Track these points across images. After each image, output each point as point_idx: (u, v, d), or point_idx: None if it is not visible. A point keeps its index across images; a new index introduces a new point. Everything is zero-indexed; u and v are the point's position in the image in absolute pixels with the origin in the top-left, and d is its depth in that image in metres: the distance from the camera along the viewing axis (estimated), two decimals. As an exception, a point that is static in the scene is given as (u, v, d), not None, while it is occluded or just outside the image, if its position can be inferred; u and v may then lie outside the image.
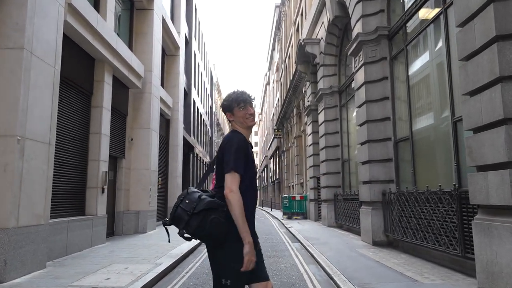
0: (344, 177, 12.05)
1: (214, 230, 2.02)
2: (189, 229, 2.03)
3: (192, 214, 2.02)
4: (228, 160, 2.13)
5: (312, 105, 14.75)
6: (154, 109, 11.82)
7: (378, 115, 8.13)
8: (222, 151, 2.20)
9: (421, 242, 6.08)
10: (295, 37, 22.17)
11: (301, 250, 8.02)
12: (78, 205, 7.85)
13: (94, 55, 8.42)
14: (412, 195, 6.43)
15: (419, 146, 6.93)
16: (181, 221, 2.04)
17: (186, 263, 6.70)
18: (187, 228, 2.03)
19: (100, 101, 8.52)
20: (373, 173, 8.01)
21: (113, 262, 6.18)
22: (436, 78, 6.36)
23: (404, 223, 6.74)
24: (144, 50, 11.61)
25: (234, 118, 2.32)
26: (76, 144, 7.79)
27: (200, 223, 2.01)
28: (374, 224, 7.88)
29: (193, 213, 2.02)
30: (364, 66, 8.34)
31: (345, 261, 6.15)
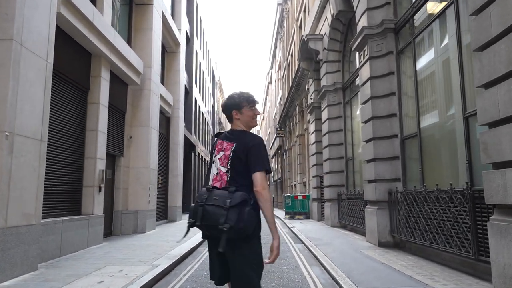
0: (348, 176, 11.76)
1: (249, 222, 2.11)
2: (229, 222, 2.05)
3: (230, 207, 2.08)
4: (258, 160, 2.27)
5: (315, 103, 14.47)
6: (154, 106, 11.58)
7: (384, 111, 7.84)
8: (247, 151, 2.26)
9: (430, 243, 5.79)
10: (297, 34, 21.88)
11: (304, 251, 7.76)
12: (74, 204, 7.61)
13: (90, 50, 8.18)
14: (420, 195, 6.14)
15: (427, 143, 6.64)
16: (219, 216, 2.08)
17: (184, 264, 6.45)
18: (228, 222, 2.05)
19: (97, 97, 8.27)
20: (378, 172, 7.73)
21: (108, 263, 5.93)
22: (446, 72, 6.07)
23: (412, 223, 6.46)
24: (143, 46, 11.36)
25: (241, 117, 2.40)
26: (72, 141, 7.55)
27: (239, 216, 2.07)
28: (380, 224, 7.59)
29: (230, 206, 2.08)
30: (370, 61, 8.05)
31: (350, 263, 5.88)
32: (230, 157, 2.30)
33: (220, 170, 2.31)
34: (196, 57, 25.59)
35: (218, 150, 2.39)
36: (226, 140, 2.37)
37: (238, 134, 2.38)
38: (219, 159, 2.35)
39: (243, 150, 2.29)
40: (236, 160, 2.28)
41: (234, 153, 2.29)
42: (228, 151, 2.32)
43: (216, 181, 2.32)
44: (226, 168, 2.30)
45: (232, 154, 2.29)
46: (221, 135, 2.46)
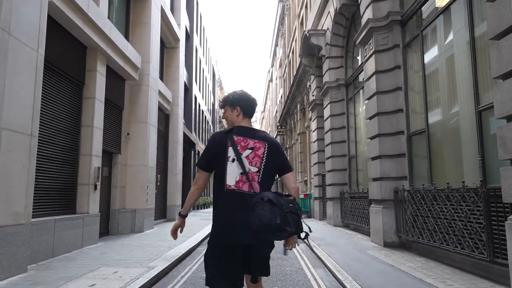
0: (351, 174, 11.48)
1: None
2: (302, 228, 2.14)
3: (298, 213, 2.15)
4: (287, 160, 2.49)
5: (317, 100, 14.18)
6: (152, 102, 11.29)
7: (389, 107, 7.56)
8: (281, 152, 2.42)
9: (440, 244, 5.52)
10: (299, 30, 21.57)
11: (306, 252, 7.48)
12: (68, 203, 7.33)
13: (85, 43, 7.89)
14: (429, 193, 5.87)
15: (436, 139, 6.36)
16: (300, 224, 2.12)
17: (182, 266, 6.17)
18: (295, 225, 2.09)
19: (93, 92, 7.98)
20: (384, 169, 7.45)
21: (103, 265, 5.66)
22: (456, 65, 5.78)
23: (420, 223, 6.18)
24: (141, 40, 11.07)
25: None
26: (66, 137, 7.27)
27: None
28: (385, 224, 7.32)
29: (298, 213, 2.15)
30: (375, 55, 7.77)
31: (356, 265, 5.61)
32: (265, 156, 2.29)
33: (249, 170, 2.24)
34: (196, 54, 25.30)
35: (243, 148, 2.28)
36: (252, 138, 2.32)
37: (261, 133, 2.40)
38: (246, 157, 2.26)
39: (277, 151, 2.36)
40: (269, 160, 2.30)
41: (269, 153, 2.31)
42: (261, 150, 2.29)
43: (242, 182, 2.23)
44: (257, 168, 2.27)
45: (267, 153, 2.30)
46: (233, 131, 2.35)
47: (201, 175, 2.40)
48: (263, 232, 2.02)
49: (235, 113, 2.45)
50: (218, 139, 2.34)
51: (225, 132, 2.36)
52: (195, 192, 2.44)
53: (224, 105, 2.52)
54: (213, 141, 2.37)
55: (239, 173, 2.23)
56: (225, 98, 2.54)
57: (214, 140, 2.37)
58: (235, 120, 2.45)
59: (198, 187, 2.41)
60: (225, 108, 2.51)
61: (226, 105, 2.50)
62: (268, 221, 1.98)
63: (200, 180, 2.41)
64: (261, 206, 2.04)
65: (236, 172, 2.23)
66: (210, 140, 2.41)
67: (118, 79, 10.01)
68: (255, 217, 2.03)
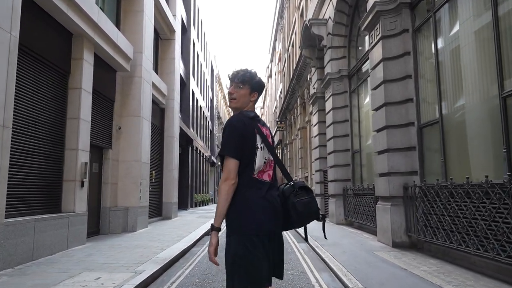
0: (355, 170, 10.95)
1: None
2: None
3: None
4: None
5: (318, 93, 13.63)
6: (146, 94, 10.73)
7: (398, 96, 7.02)
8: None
9: (458, 245, 4.99)
10: (299, 22, 20.98)
11: (309, 252, 6.97)
12: (52, 201, 6.80)
13: (71, 29, 7.32)
14: (445, 189, 5.33)
15: (451, 130, 5.82)
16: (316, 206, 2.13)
17: (174, 269, 5.65)
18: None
19: (79, 81, 7.43)
20: (392, 164, 6.92)
21: (86, 269, 5.13)
22: (476, 48, 5.24)
23: (434, 222, 5.66)
24: (133, 29, 10.48)
25: None
26: (49, 130, 6.73)
27: None
28: (394, 222, 6.80)
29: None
30: (382, 41, 7.22)
31: (364, 268, 5.08)
32: (273, 143, 2.24)
33: (268, 159, 2.15)
34: (194, 48, 24.71)
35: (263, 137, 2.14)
36: (264, 126, 2.20)
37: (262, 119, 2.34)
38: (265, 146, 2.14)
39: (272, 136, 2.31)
40: (275, 149, 2.24)
41: (273, 141, 2.27)
42: (270, 138, 2.21)
43: (263, 172, 2.12)
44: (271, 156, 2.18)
45: (272, 142, 2.24)
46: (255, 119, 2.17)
47: (234, 166, 2.01)
48: (308, 219, 2.07)
49: (251, 98, 2.21)
50: (248, 123, 2.09)
51: (250, 118, 2.12)
52: (232, 189, 2.00)
53: (243, 82, 2.18)
54: (244, 125, 2.07)
55: (263, 162, 2.11)
56: (248, 75, 2.19)
57: (246, 124, 2.07)
58: (247, 104, 2.20)
59: (234, 182, 2.00)
60: (242, 85, 2.18)
61: (246, 84, 2.18)
62: (316, 208, 2.08)
63: (234, 172, 2.00)
64: (300, 194, 2.05)
65: (262, 161, 2.10)
66: (241, 124, 2.06)
67: (109, 70, 9.44)
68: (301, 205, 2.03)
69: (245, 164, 2.04)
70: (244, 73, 2.20)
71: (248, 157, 2.05)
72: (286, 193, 2.07)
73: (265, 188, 2.07)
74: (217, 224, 2.00)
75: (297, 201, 2.03)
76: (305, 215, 2.04)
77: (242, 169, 2.04)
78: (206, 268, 5.64)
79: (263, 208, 2.01)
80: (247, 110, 2.19)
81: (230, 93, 2.22)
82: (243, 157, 2.03)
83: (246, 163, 2.04)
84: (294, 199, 2.03)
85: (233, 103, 2.20)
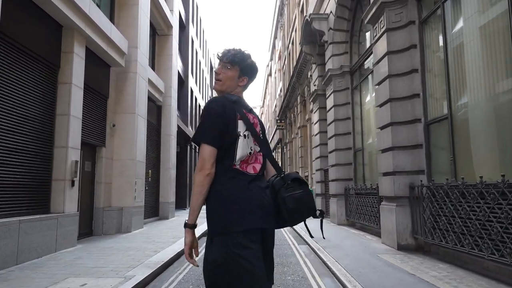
0: (357, 169, 10.62)
1: None
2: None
3: None
4: None
5: (319, 90, 13.29)
6: (141, 91, 10.39)
7: (403, 92, 6.69)
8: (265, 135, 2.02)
9: (470, 249, 4.66)
10: (299, 19, 20.63)
11: (310, 255, 6.64)
12: (40, 201, 6.47)
13: (61, 21, 6.99)
14: (456, 189, 5.00)
15: (461, 127, 5.49)
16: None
17: (167, 274, 5.32)
18: None
19: (69, 76, 7.09)
20: (397, 162, 6.59)
21: (72, 274, 4.81)
22: (490, 39, 4.91)
23: (443, 224, 5.33)
24: (128, 23, 10.15)
25: None
26: (37, 127, 6.40)
27: None
28: (400, 224, 6.47)
29: None
30: (387, 33, 6.88)
31: (369, 273, 4.76)
32: (261, 134, 1.94)
33: (254, 150, 1.88)
34: (192, 45, 24.35)
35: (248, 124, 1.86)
36: (250, 112, 1.92)
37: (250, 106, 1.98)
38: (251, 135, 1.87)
39: (265, 130, 2.02)
40: (265, 140, 1.94)
41: (263, 131, 1.97)
42: (258, 127, 1.92)
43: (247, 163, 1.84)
44: (259, 148, 1.90)
45: (261, 132, 1.94)
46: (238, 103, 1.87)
47: (211, 154, 1.74)
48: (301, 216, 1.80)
49: (240, 82, 1.94)
50: (229, 106, 1.81)
51: (232, 102, 1.84)
52: (207, 181, 1.74)
53: (232, 63, 1.91)
54: (225, 108, 1.79)
55: (248, 153, 1.83)
56: (240, 55, 1.92)
57: (225, 106, 1.80)
58: (234, 89, 1.93)
59: (210, 173, 1.74)
60: (231, 66, 1.91)
61: (236, 65, 1.91)
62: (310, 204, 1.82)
63: (210, 161, 1.73)
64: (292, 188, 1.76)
65: (245, 150, 1.82)
66: (221, 107, 1.79)
67: (102, 65, 9.10)
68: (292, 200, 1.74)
69: (224, 152, 1.78)
70: (235, 52, 1.91)
71: (228, 145, 1.78)
72: (276, 186, 1.80)
73: (248, 180, 1.79)
74: (190, 221, 1.76)
75: (288, 196, 1.75)
76: (297, 212, 1.77)
77: (220, 158, 1.78)
78: (201, 273, 5.31)
79: (248, 201, 1.74)
80: (233, 93, 1.92)
81: (216, 73, 1.92)
82: (222, 144, 1.77)
83: (225, 152, 1.78)
84: (285, 194, 1.75)
85: (217, 85, 1.92)
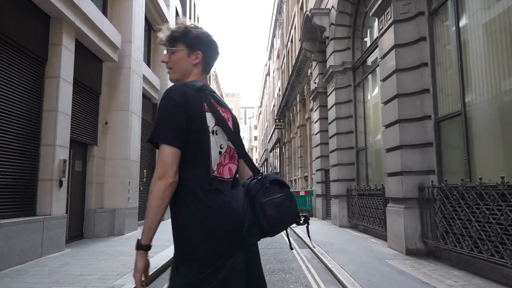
0: (360, 169, 10.24)
1: None
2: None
3: None
4: None
5: (319, 88, 12.91)
6: (135, 87, 9.97)
7: (412, 87, 6.31)
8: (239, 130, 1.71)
9: (489, 256, 4.28)
10: (298, 16, 20.26)
11: (312, 260, 6.25)
12: (24, 203, 6.05)
13: (48, 11, 6.58)
14: (472, 190, 4.62)
15: (476, 123, 5.11)
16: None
17: (159, 282, 4.92)
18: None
19: (57, 70, 6.68)
20: (405, 162, 6.21)
21: (56, 283, 4.40)
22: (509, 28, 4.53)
23: (458, 228, 4.94)
24: (122, 17, 9.73)
25: None
26: (22, 124, 5.98)
27: None
28: (408, 227, 6.08)
29: None
30: (394, 25, 6.50)
31: (379, 282, 4.37)
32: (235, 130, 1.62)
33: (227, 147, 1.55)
34: (190, 43, 23.94)
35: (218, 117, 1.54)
36: (219, 105, 1.58)
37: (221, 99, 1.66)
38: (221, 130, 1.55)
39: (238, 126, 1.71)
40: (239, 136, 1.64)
41: (235, 126, 1.65)
42: (230, 121, 1.61)
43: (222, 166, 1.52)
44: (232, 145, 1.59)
45: (234, 127, 1.62)
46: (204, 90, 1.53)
47: (174, 158, 1.39)
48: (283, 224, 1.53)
49: (193, 60, 1.58)
50: (194, 97, 1.46)
51: (196, 89, 1.48)
52: (169, 192, 1.39)
53: (174, 41, 1.57)
54: (187, 98, 1.44)
55: (218, 152, 1.50)
56: (181, 30, 1.57)
57: (189, 97, 1.44)
58: (189, 71, 1.59)
59: (173, 181, 1.38)
60: (175, 47, 1.57)
61: (179, 41, 1.57)
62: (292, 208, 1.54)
63: (173, 166, 1.38)
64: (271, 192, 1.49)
65: (216, 150, 1.49)
66: (182, 97, 1.43)
67: (94, 60, 8.68)
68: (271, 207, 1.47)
69: (192, 155, 1.43)
70: (174, 29, 1.58)
71: (197, 146, 1.43)
72: (253, 190, 1.51)
73: (228, 189, 1.49)
74: (145, 240, 1.38)
75: (266, 201, 1.48)
76: (278, 219, 1.49)
77: (189, 163, 1.43)
78: (197, 280, 4.90)
79: (227, 219, 1.42)
80: (192, 78, 1.58)
81: (164, 63, 1.61)
82: (189, 145, 1.41)
83: (194, 155, 1.43)
84: (263, 199, 1.48)
85: (170, 74, 1.61)
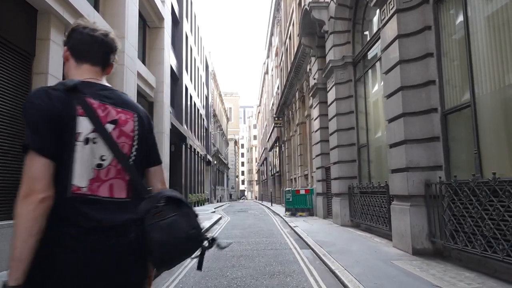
0: (361, 166, 9.96)
1: None
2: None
3: None
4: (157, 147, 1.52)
5: (319, 84, 12.63)
6: (129, 85, 9.67)
7: (417, 78, 6.03)
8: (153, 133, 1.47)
9: (505, 256, 4.00)
10: (297, 12, 19.96)
11: (314, 262, 5.97)
12: (12, 205, 5.75)
13: (35, 4, 6.28)
14: (485, 186, 4.34)
15: (487, 116, 4.83)
16: None
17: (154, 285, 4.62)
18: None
19: (45, 65, 6.37)
20: (411, 158, 5.93)
21: None
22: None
23: (468, 226, 4.66)
24: (114, 12, 9.43)
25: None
26: (8, 123, 5.68)
27: None
28: (414, 226, 5.80)
29: None
30: (397, 15, 6.22)
31: (388, 286, 4.08)
32: (137, 135, 1.34)
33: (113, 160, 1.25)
34: (187, 41, 23.64)
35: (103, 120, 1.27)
36: (113, 105, 1.31)
37: (124, 97, 1.41)
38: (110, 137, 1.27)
39: (150, 128, 1.44)
40: (142, 143, 1.36)
41: (141, 130, 1.37)
42: (129, 124, 1.33)
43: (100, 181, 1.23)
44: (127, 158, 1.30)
45: (138, 131, 1.35)
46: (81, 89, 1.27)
47: (42, 169, 1.14)
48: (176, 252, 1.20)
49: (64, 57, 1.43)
50: (58, 97, 1.21)
51: (67, 90, 1.24)
52: (41, 211, 1.13)
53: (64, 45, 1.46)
54: (50, 99, 1.19)
55: (95, 165, 1.23)
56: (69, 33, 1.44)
57: (52, 98, 1.20)
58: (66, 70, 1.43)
59: (44, 197, 1.13)
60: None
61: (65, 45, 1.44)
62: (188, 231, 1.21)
63: (44, 179, 1.14)
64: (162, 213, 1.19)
65: (90, 162, 1.22)
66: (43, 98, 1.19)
67: (85, 56, 8.38)
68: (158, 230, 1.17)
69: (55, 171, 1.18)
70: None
71: (59, 158, 1.18)
72: (141, 212, 1.24)
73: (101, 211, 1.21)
74: (13, 281, 1.08)
75: (152, 223, 1.20)
76: (168, 245, 1.19)
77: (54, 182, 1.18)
78: (193, 285, 4.63)
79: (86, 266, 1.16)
80: (76, 76, 1.37)
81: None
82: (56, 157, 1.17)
83: (56, 170, 1.18)
84: (150, 221, 1.20)
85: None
